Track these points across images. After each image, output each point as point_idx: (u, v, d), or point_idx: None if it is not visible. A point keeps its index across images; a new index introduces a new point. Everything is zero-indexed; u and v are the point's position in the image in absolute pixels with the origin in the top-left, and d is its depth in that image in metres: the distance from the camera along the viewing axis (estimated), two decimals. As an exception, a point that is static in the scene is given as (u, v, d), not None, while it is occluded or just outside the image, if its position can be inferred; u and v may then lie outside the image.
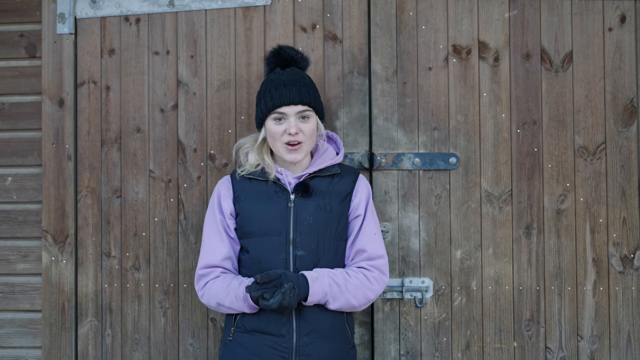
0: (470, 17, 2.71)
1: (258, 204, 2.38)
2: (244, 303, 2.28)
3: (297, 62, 2.44)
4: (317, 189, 2.38)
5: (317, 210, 2.35)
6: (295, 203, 2.36)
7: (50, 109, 2.81)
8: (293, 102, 2.32)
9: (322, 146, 2.48)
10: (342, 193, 2.41)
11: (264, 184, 2.40)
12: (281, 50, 2.44)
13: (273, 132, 2.35)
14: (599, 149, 2.68)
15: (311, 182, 2.39)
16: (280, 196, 2.38)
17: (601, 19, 2.69)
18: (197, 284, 2.41)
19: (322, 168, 2.41)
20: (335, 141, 2.53)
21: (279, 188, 2.39)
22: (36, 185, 2.85)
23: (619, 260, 2.67)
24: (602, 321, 2.68)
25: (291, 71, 2.39)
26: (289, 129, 2.32)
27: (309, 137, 2.36)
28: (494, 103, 2.70)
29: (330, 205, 2.37)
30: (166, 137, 2.78)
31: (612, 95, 2.68)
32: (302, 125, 2.34)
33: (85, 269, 2.80)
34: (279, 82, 2.35)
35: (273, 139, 2.36)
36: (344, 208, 2.40)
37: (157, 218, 2.77)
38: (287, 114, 2.33)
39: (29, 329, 2.86)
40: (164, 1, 2.77)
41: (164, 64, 2.78)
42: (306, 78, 2.40)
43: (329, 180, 2.41)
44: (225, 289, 2.32)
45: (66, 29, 2.79)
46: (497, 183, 2.69)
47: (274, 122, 2.35)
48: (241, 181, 2.43)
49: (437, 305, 2.70)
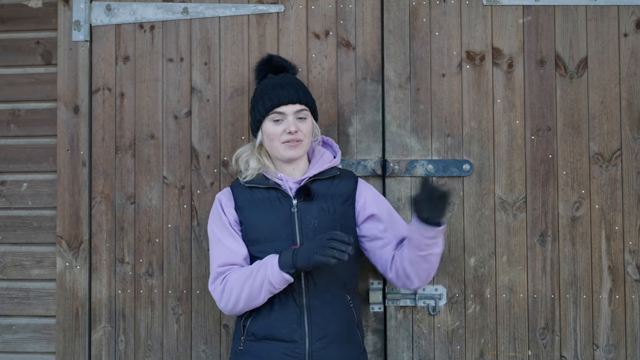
0: (483, 23, 2.70)
1: (261, 212, 2.39)
2: (278, 276, 2.22)
3: (287, 69, 2.50)
4: (318, 192, 2.40)
5: (321, 212, 2.36)
6: (299, 207, 2.37)
7: (65, 116, 2.83)
8: (291, 101, 2.36)
9: (318, 150, 2.50)
10: (343, 194, 2.42)
11: (265, 191, 2.41)
12: (272, 59, 2.51)
13: (272, 132, 2.37)
14: (614, 155, 2.66)
15: (312, 185, 2.41)
16: (283, 202, 2.38)
17: (616, 24, 2.67)
18: (213, 282, 2.36)
19: (322, 171, 2.43)
20: (332, 145, 2.56)
21: (280, 194, 2.40)
22: (51, 192, 2.87)
23: (635, 268, 2.64)
24: (618, 330, 2.64)
25: (284, 75, 2.45)
26: (289, 127, 2.35)
27: (307, 135, 2.39)
28: (507, 109, 2.69)
29: (333, 207, 2.38)
30: (180, 143, 2.79)
31: (627, 101, 2.66)
32: (300, 125, 2.37)
33: (99, 274, 2.81)
34: (274, 84, 2.39)
35: (271, 140, 2.38)
36: (347, 209, 2.41)
37: (170, 224, 2.78)
38: (285, 113, 2.36)
39: (43, 334, 2.87)
40: (178, 8, 2.79)
41: (178, 71, 2.80)
42: (299, 80, 2.45)
43: (329, 183, 2.43)
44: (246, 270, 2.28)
45: (81, 36, 2.82)
46: (511, 190, 2.67)
47: (273, 123, 2.37)
48: (242, 191, 2.43)
49: (451, 313, 2.68)
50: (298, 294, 2.31)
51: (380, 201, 2.47)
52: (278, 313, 2.31)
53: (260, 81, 2.48)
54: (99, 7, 2.82)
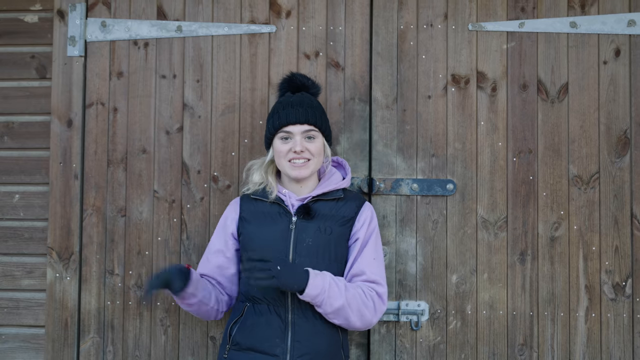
0: (469, 48, 2.79)
1: (261, 225, 2.45)
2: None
3: (308, 88, 2.53)
4: (320, 212, 2.44)
5: (316, 232, 2.41)
6: (297, 225, 2.42)
7: (58, 129, 2.88)
8: (299, 122, 2.40)
9: (329, 170, 2.55)
10: (345, 217, 2.45)
11: (269, 205, 2.47)
12: (293, 77, 2.53)
13: (279, 150, 2.43)
14: (592, 178, 2.75)
15: (315, 205, 2.45)
16: (283, 217, 2.44)
17: (596, 52, 2.77)
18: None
19: (326, 192, 2.47)
20: (344, 167, 2.60)
21: (282, 210, 2.45)
22: (43, 203, 2.92)
23: (611, 287, 2.73)
24: (594, 347, 2.73)
25: (300, 95, 2.48)
26: (294, 147, 2.40)
27: (315, 155, 2.43)
28: (491, 132, 2.77)
29: (330, 228, 2.42)
30: (171, 158, 2.84)
31: (606, 126, 2.75)
32: (308, 145, 2.41)
33: (89, 286, 2.85)
34: (287, 104, 2.44)
35: (279, 157, 2.44)
36: (345, 232, 2.45)
37: (160, 237, 2.83)
38: (292, 132, 2.41)
39: (32, 344, 2.91)
40: (172, 26, 2.86)
41: (171, 88, 2.86)
42: (314, 101, 2.48)
43: (333, 204, 2.47)
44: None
45: (76, 51, 2.87)
46: (493, 210, 2.76)
47: (281, 141, 2.43)
48: (249, 202, 2.51)
49: (433, 328, 2.76)
50: (284, 309, 2.36)
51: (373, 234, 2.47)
52: (263, 326, 2.36)
53: (279, 98, 2.53)
54: (95, 24, 2.88)
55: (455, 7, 2.80)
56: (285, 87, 2.53)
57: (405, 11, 2.81)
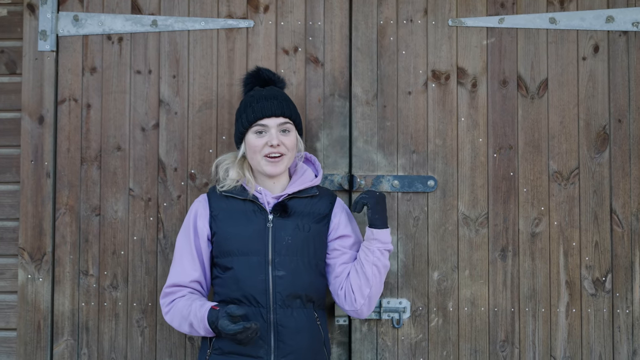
0: (449, 44, 2.77)
1: (236, 223, 2.39)
2: (201, 323, 2.27)
3: (275, 82, 2.51)
4: (295, 210, 2.41)
5: (295, 230, 2.37)
6: (274, 223, 2.38)
7: (29, 126, 2.79)
8: (275, 114, 2.36)
9: (300, 167, 2.51)
10: (320, 214, 2.44)
11: (242, 203, 2.41)
12: (260, 72, 2.51)
13: (254, 145, 2.38)
14: (572, 174, 2.75)
15: (289, 202, 2.42)
16: (259, 216, 2.39)
17: (575, 48, 2.77)
18: (162, 300, 2.41)
19: (301, 189, 2.44)
20: (314, 163, 2.57)
21: (257, 207, 2.40)
22: (14, 202, 2.83)
23: (591, 283, 2.74)
24: (575, 342, 2.74)
25: (270, 88, 2.46)
26: (271, 140, 2.36)
27: (290, 149, 2.40)
28: (471, 128, 2.76)
29: (308, 225, 2.40)
30: (147, 155, 2.78)
31: (585, 122, 2.76)
32: (284, 138, 2.38)
33: (62, 287, 2.78)
34: (260, 97, 2.40)
35: (253, 152, 2.39)
36: (322, 228, 2.43)
37: (136, 237, 2.77)
38: (268, 126, 2.37)
39: (3, 347, 2.83)
40: (147, 21, 2.79)
41: (146, 83, 2.79)
42: (285, 94, 2.46)
43: (307, 201, 2.44)
44: (187, 307, 2.31)
45: (47, 46, 2.79)
46: (474, 206, 2.75)
47: (255, 135, 2.38)
48: (219, 199, 2.44)
49: (414, 326, 2.74)
50: (266, 310, 2.32)
51: (353, 224, 2.51)
52: (246, 328, 2.32)
53: (246, 93, 2.49)
54: (66, 18, 2.80)
55: (435, 2, 2.78)
56: (252, 82, 2.50)
57: (385, 6, 2.78)
